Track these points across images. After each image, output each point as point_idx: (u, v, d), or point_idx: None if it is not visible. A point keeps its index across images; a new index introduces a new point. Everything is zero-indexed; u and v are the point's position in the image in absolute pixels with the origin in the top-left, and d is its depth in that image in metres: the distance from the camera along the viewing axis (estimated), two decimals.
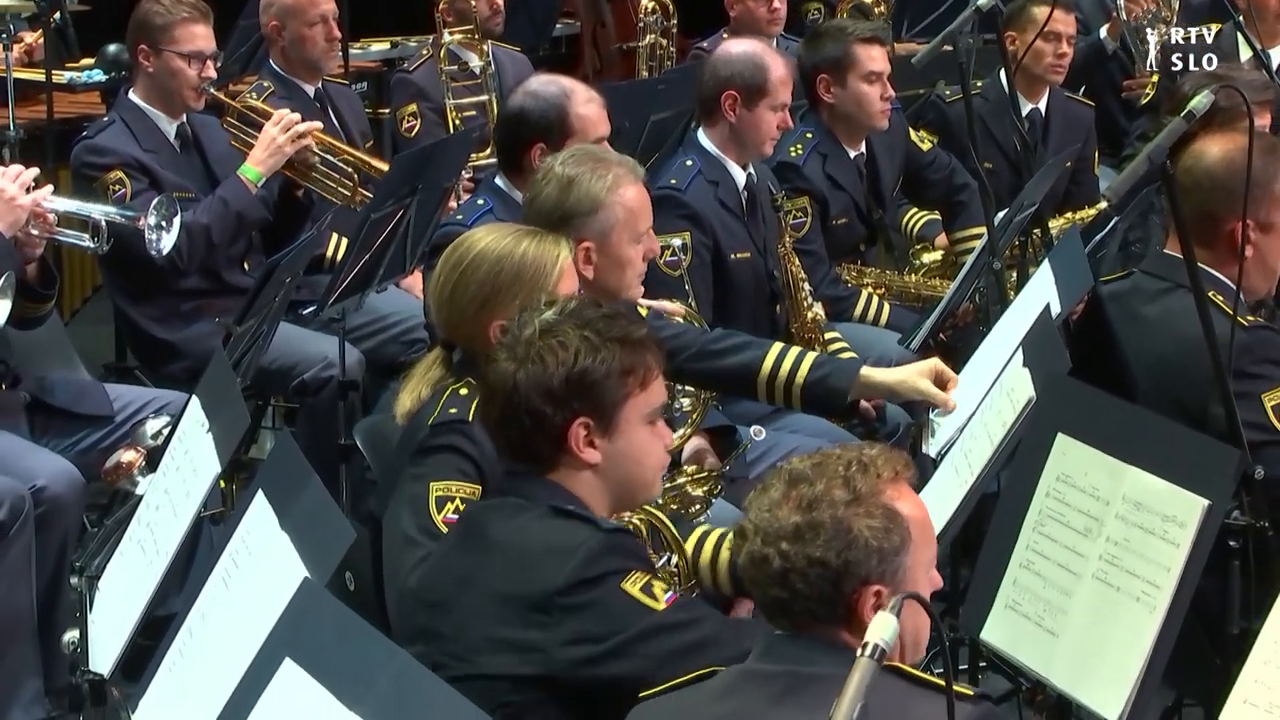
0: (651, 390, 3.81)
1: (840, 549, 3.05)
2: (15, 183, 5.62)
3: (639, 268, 4.95)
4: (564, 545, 3.61)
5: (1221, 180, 4.68)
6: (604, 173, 4.90)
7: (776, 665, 3.07)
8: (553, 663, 3.54)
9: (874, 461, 3.14)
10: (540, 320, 3.78)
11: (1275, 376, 4.61)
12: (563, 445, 3.74)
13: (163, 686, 3.90)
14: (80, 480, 5.61)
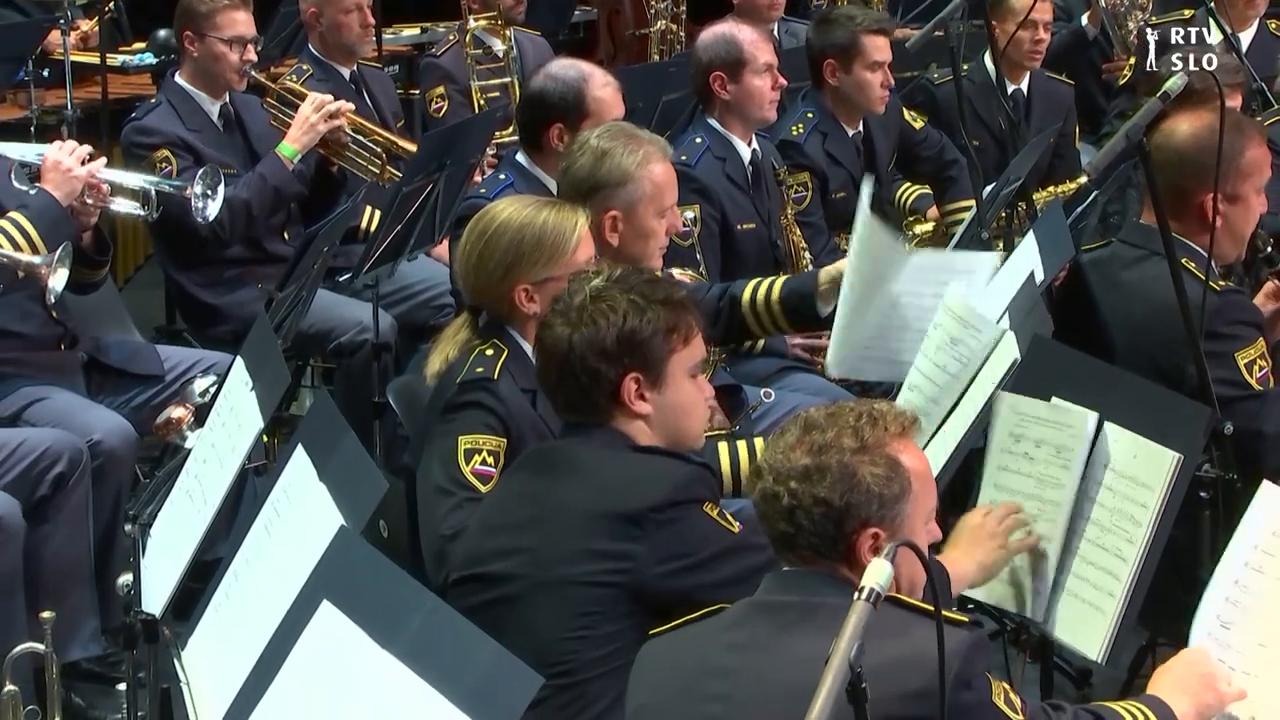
0: (693, 346, 3.88)
1: (844, 491, 3.07)
2: (72, 156, 5.64)
3: (661, 240, 4.98)
4: (658, 472, 3.70)
5: (1191, 156, 4.68)
6: (635, 148, 4.93)
7: (784, 596, 3.09)
8: (641, 572, 3.61)
9: (883, 416, 3.16)
10: (590, 287, 3.84)
11: (1246, 336, 4.61)
12: (617, 398, 3.80)
13: (210, 626, 3.91)
14: (133, 435, 5.62)
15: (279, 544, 3.69)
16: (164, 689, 4.31)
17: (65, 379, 5.73)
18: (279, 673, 2.96)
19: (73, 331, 5.82)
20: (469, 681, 2.66)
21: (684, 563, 3.63)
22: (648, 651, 3.25)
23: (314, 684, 2.90)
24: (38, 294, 5.44)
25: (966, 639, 2.95)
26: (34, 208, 5.51)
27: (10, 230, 5.42)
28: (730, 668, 3.06)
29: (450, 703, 2.66)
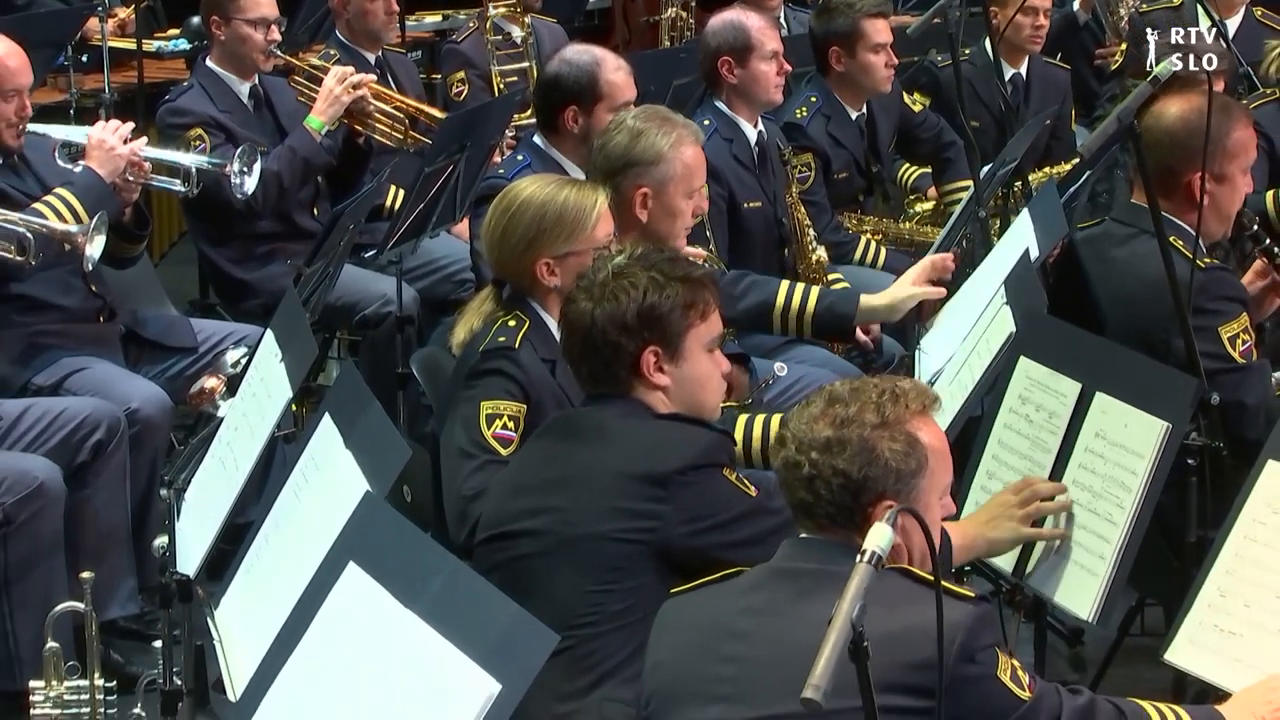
0: (710, 321, 3.88)
1: (863, 465, 3.06)
2: (115, 135, 5.65)
3: (687, 220, 5.00)
4: (683, 437, 3.72)
5: (1179, 138, 4.67)
6: (669, 130, 4.96)
7: (802, 564, 3.08)
8: (667, 531, 3.62)
9: (905, 393, 3.15)
10: (613, 265, 3.86)
11: (1230, 311, 4.60)
12: (637, 371, 3.81)
13: (241, 585, 3.92)
14: (169, 404, 5.63)
15: (307, 508, 3.69)
16: (198, 646, 4.32)
17: (104, 350, 5.73)
18: (307, 630, 2.96)
19: (111, 305, 5.83)
20: (488, 639, 2.67)
21: (706, 523, 3.64)
22: (668, 609, 3.25)
23: (340, 641, 2.90)
24: (77, 265, 5.44)
25: (972, 612, 2.94)
26: (79, 184, 5.52)
27: (57, 206, 5.44)
28: (746, 631, 3.06)
29: (470, 659, 2.66)
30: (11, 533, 4.97)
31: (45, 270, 5.41)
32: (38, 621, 4.69)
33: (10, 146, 5.58)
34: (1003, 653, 2.98)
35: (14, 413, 5.30)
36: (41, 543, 5.02)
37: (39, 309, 5.61)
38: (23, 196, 5.51)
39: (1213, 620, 3.57)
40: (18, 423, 5.28)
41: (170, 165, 5.87)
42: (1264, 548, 3.55)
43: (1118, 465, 3.87)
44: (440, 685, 2.68)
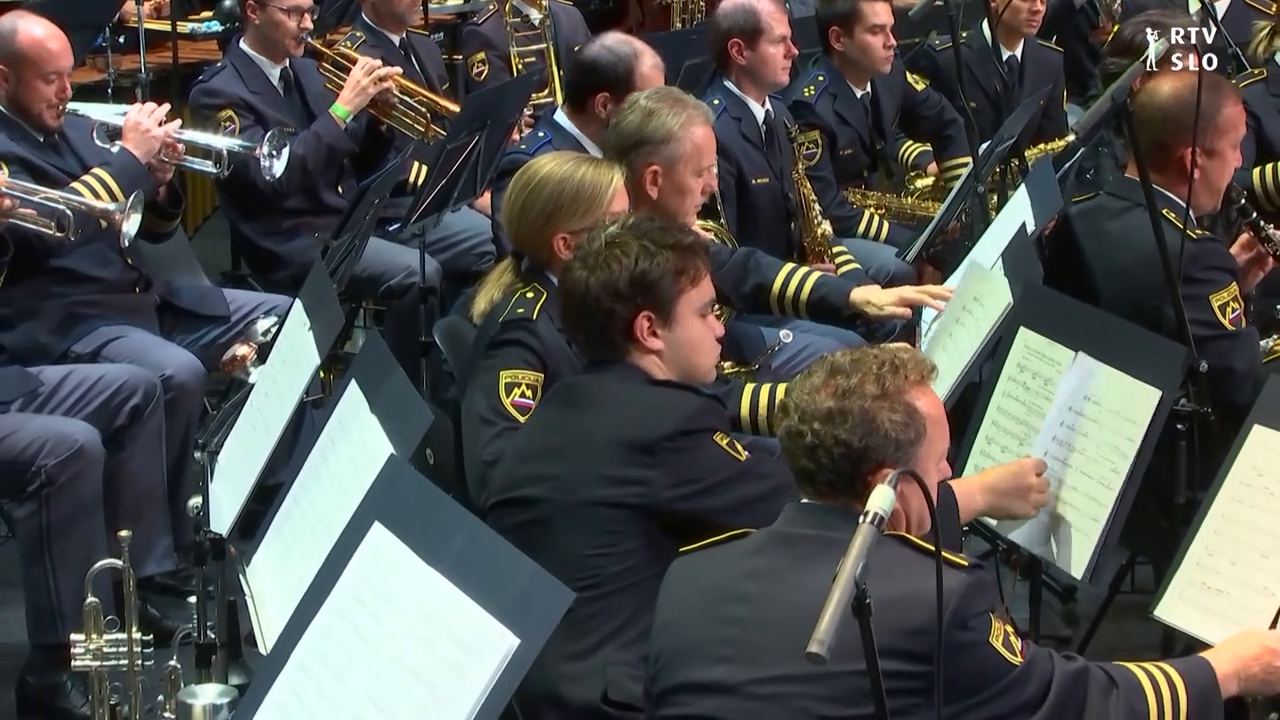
0: (702, 287, 3.87)
1: (863, 435, 3.04)
2: (150, 117, 5.65)
3: (697, 198, 4.99)
4: (670, 404, 3.70)
5: (1171, 114, 4.66)
6: (680, 111, 4.95)
7: (802, 530, 3.07)
8: (655, 495, 3.61)
9: (904, 364, 3.13)
10: (606, 234, 3.86)
11: (1220, 280, 4.59)
12: (631, 336, 3.79)
13: (272, 544, 3.93)
14: (202, 370, 5.64)
15: (334, 470, 3.69)
16: (230, 601, 4.33)
17: (140, 319, 5.74)
18: (334, 587, 2.96)
19: (147, 276, 5.84)
20: (508, 596, 2.67)
21: (693, 487, 3.63)
22: (676, 568, 3.24)
23: (366, 597, 2.90)
24: (114, 240, 5.45)
25: (966, 580, 2.91)
26: (116, 165, 5.53)
27: (94, 185, 5.45)
28: (748, 593, 3.04)
29: (490, 615, 2.66)
30: (53, 493, 4.98)
31: (84, 244, 5.41)
32: (78, 578, 4.70)
33: (51, 126, 5.59)
34: (996, 619, 2.95)
35: (55, 379, 5.32)
36: (81, 503, 5.03)
37: (78, 281, 5.62)
38: (62, 175, 5.52)
39: (1200, 578, 3.57)
40: (58, 388, 5.29)
41: (203, 147, 5.87)
42: (1250, 508, 3.55)
43: (1113, 430, 3.87)
44: (462, 639, 2.68)
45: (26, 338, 5.56)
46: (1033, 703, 2.95)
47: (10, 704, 5.09)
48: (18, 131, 5.54)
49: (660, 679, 3.14)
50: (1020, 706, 2.94)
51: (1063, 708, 2.97)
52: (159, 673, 4.48)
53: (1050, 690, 2.97)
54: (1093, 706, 3.01)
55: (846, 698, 2.82)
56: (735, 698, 2.98)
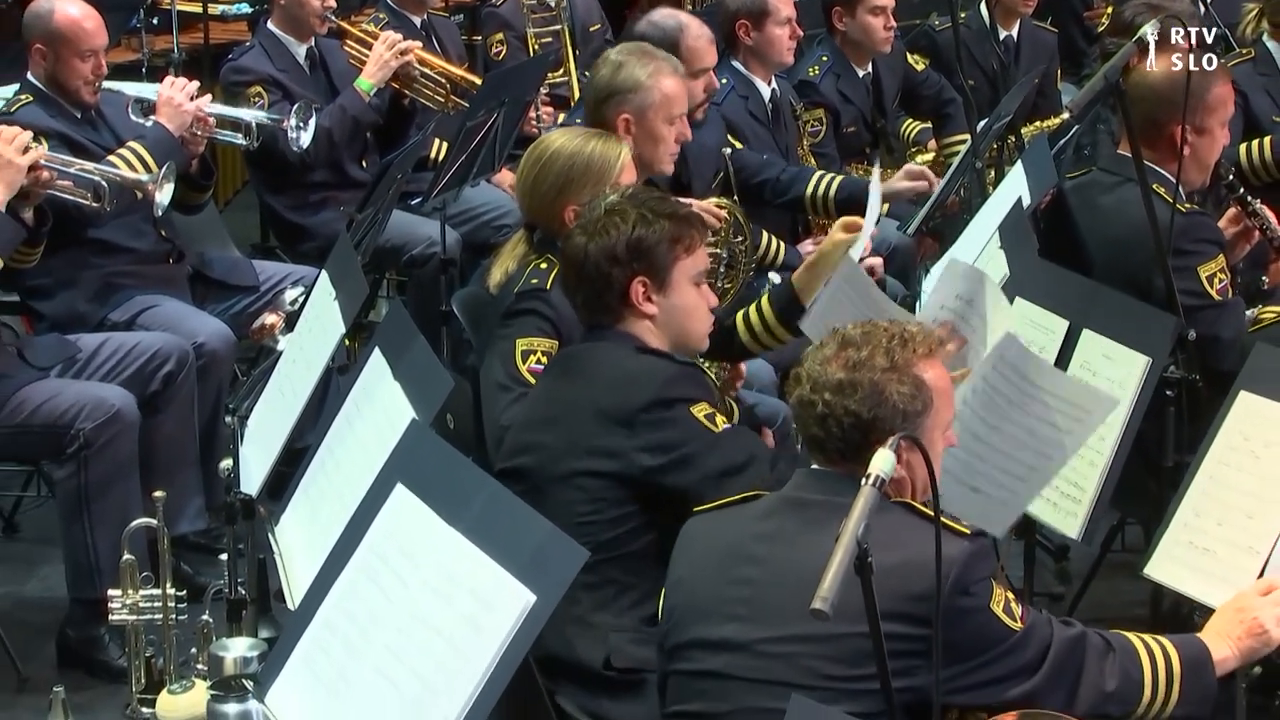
0: (696, 256, 3.84)
1: (872, 406, 3.02)
2: (182, 92, 5.65)
3: (671, 146, 4.99)
4: (646, 373, 3.67)
5: (1163, 92, 4.64)
6: (648, 62, 4.98)
7: (812, 495, 3.06)
8: (630, 465, 3.59)
9: (913, 338, 3.12)
10: (606, 202, 3.84)
11: (1208, 252, 4.58)
12: (626, 300, 3.77)
13: (300, 504, 3.93)
14: (232, 338, 5.64)
15: (359, 434, 3.69)
16: (260, 559, 4.33)
17: (173, 289, 5.75)
18: (359, 545, 2.97)
19: (179, 248, 5.84)
20: (524, 554, 2.67)
21: (669, 457, 3.59)
22: (690, 528, 3.24)
23: (389, 556, 2.90)
24: (148, 212, 5.45)
25: (967, 548, 2.90)
26: (150, 138, 5.53)
27: (129, 158, 5.45)
28: (759, 556, 3.04)
29: (508, 572, 2.66)
30: (91, 455, 4.99)
31: (119, 217, 5.42)
32: (115, 536, 4.71)
33: (88, 102, 5.60)
34: (998, 586, 2.94)
35: (92, 346, 5.33)
36: (118, 464, 5.04)
37: (114, 252, 5.62)
38: (99, 149, 5.52)
39: (1188, 538, 3.56)
40: (95, 355, 5.30)
41: (232, 120, 5.87)
42: (1236, 471, 3.54)
43: None
44: (480, 596, 2.68)
45: (65, 306, 5.57)
46: (1031, 666, 2.94)
47: (51, 655, 5.11)
48: (56, 107, 5.54)
49: (673, 635, 3.14)
50: (1019, 670, 2.93)
51: (1060, 672, 2.96)
52: (192, 626, 4.49)
53: (1048, 655, 2.96)
54: (1089, 671, 2.99)
55: (851, 658, 2.82)
56: (745, 655, 2.98)
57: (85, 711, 4.76)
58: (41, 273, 5.43)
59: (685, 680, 3.10)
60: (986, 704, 2.94)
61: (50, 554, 5.50)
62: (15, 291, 5.65)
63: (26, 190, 4.99)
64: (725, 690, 3.00)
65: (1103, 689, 3.00)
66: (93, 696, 4.89)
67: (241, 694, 3.99)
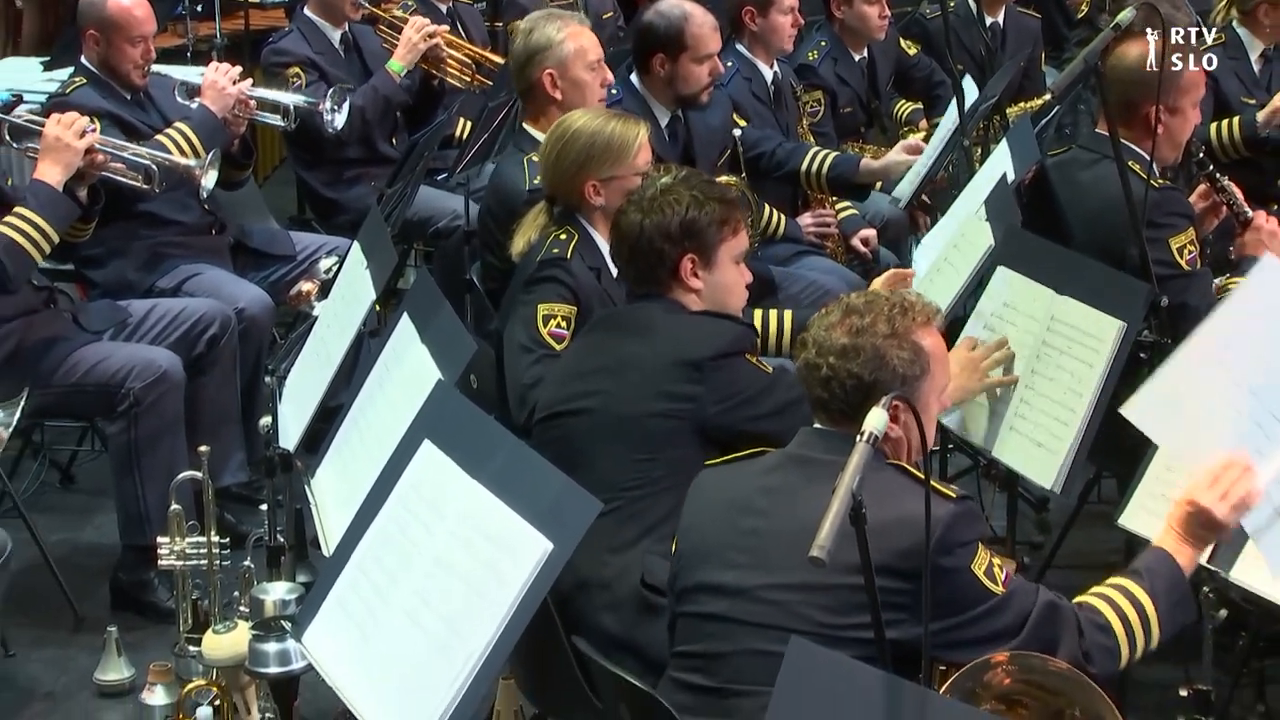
0: (740, 237, 3.89)
1: (874, 369, 3.03)
2: (225, 76, 5.64)
3: (597, 90, 5.10)
4: (713, 329, 3.74)
5: (1138, 75, 4.61)
6: (556, 20, 5.14)
7: (814, 453, 3.06)
8: (702, 408, 3.63)
9: (913, 307, 3.12)
10: (660, 183, 3.87)
11: (1179, 225, 4.56)
12: (676, 274, 3.81)
13: (334, 458, 3.94)
14: (271, 304, 5.65)
15: (389, 393, 3.70)
16: (297, 509, 4.34)
17: (216, 258, 5.75)
18: (389, 497, 2.98)
19: (222, 220, 5.84)
20: (542, 505, 2.67)
21: (735, 400, 3.65)
22: (701, 479, 3.25)
23: (416, 506, 2.91)
24: (193, 190, 5.45)
25: (953, 510, 2.89)
26: (195, 119, 5.53)
27: (176, 138, 5.45)
28: (763, 508, 3.05)
29: (527, 522, 2.67)
30: (140, 413, 5.00)
31: (166, 192, 5.41)
32: (163, 487, 4.73)
33: (137, 85, 5.60)
34: (984, 550, 2.92)
35: (141, 311, 5.33)
36: (165, 421, 5.05)
37: (161, 224, 5.63)
38: (147, 129, 5.52)
39: (1160, 490, 3.55)
40: (144, 320, 5.31)
41: (272, 103, 5.86)
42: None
43: (1079, 360, 3.86)
44: (501, 544, 2.69)
45: (116, 275, 5.58)
46: (1009, 631, 2.90)
47: (104, 597, 5.13)
48: (108, 90, 5.55)
49: (681, 578, 3.15)
50: (997, 633, 2.90)
51: (1035, 639, 2.91)
52: (234, 571, 4.51)
53: (1027, 622, 2.92)
54: (1066, 643, 2.95)
55: (842, 608, 2.83)
56: (746, 600, 2.98)
57: (136, 649, 4.78)
58: (94, 243, 5.44)
59: (692, 622, 3.10)
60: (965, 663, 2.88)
61: (104, 504, 5.52)
62: (70, 261, 5.65)
63: (82, 171, 5.01)
64: (728, 633, 3.01)
65: (1078, 659, 2.96)
66: (143, 636, 4.91)
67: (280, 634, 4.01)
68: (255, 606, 4.23)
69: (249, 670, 4.09)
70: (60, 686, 4.75)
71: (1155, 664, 4.21)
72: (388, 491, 2.98)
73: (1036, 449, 3.89)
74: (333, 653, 2.95)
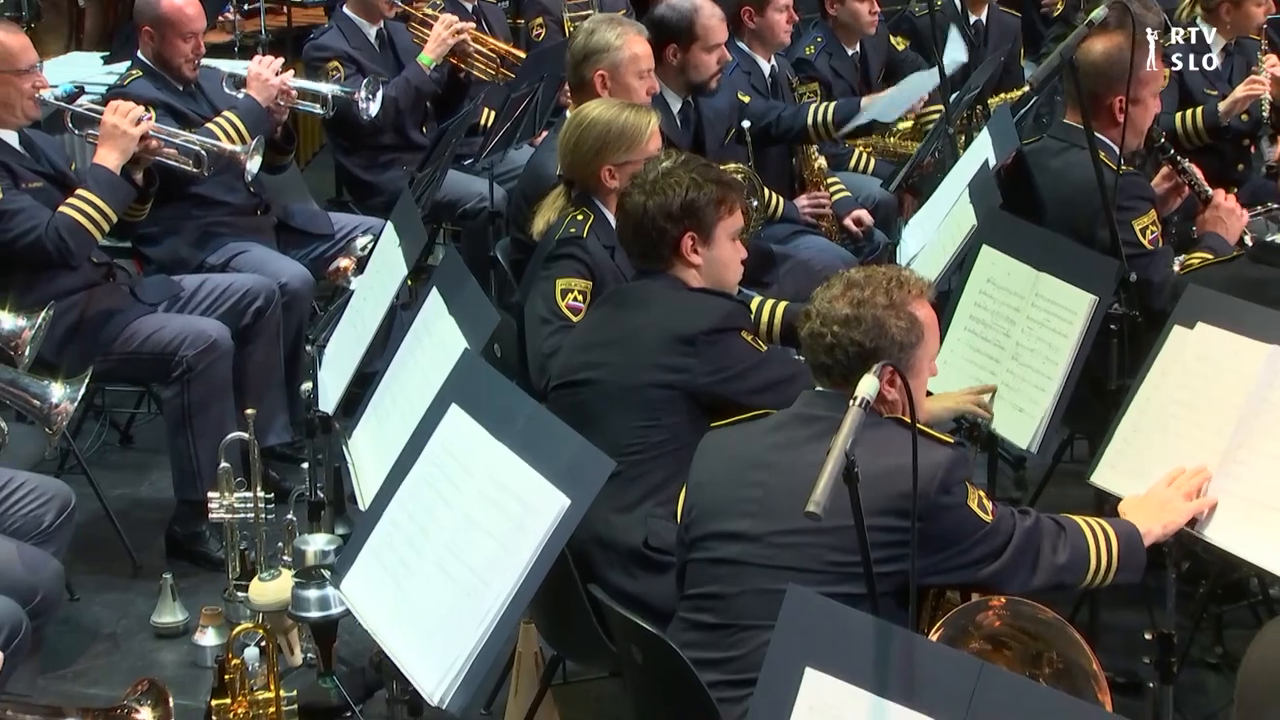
0: (736, 216, 3.86)
1: (874, 337, 3.06)
2: (269, 68, 5.63)
3: (643, 99, 5.02)
4: (707, 305, 3.72)
5: (1103, 69, 4.59)
6: (617, 26, 5.09)
7: (817, 412, 3.09)
8: (693, 379, 3.61)
9: (908, 281, 3.15)
10: (661, 167, 3.85)
11: (1141, 207, 4.54)
12: (678, 251, 3.79)
13: (369, 420, 3.94)
14: (311, 279, 5.64)
15: (419, 361, 3.69)
16: (336, 467, 4.35)
17: (261, 237, 5.74)
18: (419, 456, 2.97)
19: (266, 201, 5.83)
20: (561, 465, 2.67)
21: (726, 374, 3.62)
22: (708, 440, 3.26)
23: (445, 465, 2.91)
24: (240, 174, 5.45)
25: (950, 454, 2.94)
26: (241, 108, 5.51)
27: (224, 125, 5.44)
28: (770, 462, 3.07)
29: (547, 480, 2.67)
30: (192, 378, 5.01)
31: (215, 175, 5.41)
32: (213, 447, 4.74)
33: (188, 77, 5.58)
34: (972, 487, 2.99)
35: (193, 286, 5.34)
36: (215, 386, 5.05)
37: (211, 205, 5.62)
38: (197, 117, 5.51)
39: (1129, 450, 3.55)
40: (196, 293, 5.31)
41: (311, 93, 5.84)
42: (1168, 393, 3.52)
43: (1055, 331, 3.85)
44: (523, 500, 2.69)
45: (170, 252, 5.57)
46: (998, 550, 2.99)
47: (160, 547, 5.14)
48: (162, 81, 5.53)
49: (692, 529, 3.16)
50: (989, 554, 2.98)
51: (1021, 552, 3.02)
52: (279, 524, 4.53)
53: (1012, 540, 3.01)
54: (1044, 551, 3.05)
55: (849, 547, 2.83)
56: (757, 545, 3.00)
57: (189, 594, 4.79)
58: (150, 223, 5.43)
59: (703, 566, 3.12)
60: (964, 582, 3.00)
61: (159, 461, 5.53)
62: (128, 239, 5.65)
63: (137, 156, 5.01)
64: (738, 574, 3.03)
65: (1056, 563, 3.05)
66: (195, 582, 4.92)
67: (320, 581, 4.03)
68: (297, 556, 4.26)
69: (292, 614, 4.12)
70: (121, 628, 4.77)
71: (1123, 610, 4.25)
72: (418, 451, 2.97)
73: (1018, 414, 3.89)
74: (368, 598, 2.95)
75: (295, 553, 4.27)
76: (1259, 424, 3.29)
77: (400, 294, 4.16)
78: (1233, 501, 3.29)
